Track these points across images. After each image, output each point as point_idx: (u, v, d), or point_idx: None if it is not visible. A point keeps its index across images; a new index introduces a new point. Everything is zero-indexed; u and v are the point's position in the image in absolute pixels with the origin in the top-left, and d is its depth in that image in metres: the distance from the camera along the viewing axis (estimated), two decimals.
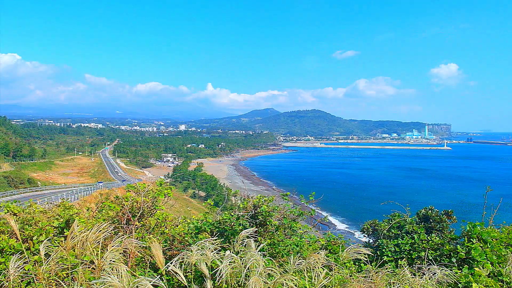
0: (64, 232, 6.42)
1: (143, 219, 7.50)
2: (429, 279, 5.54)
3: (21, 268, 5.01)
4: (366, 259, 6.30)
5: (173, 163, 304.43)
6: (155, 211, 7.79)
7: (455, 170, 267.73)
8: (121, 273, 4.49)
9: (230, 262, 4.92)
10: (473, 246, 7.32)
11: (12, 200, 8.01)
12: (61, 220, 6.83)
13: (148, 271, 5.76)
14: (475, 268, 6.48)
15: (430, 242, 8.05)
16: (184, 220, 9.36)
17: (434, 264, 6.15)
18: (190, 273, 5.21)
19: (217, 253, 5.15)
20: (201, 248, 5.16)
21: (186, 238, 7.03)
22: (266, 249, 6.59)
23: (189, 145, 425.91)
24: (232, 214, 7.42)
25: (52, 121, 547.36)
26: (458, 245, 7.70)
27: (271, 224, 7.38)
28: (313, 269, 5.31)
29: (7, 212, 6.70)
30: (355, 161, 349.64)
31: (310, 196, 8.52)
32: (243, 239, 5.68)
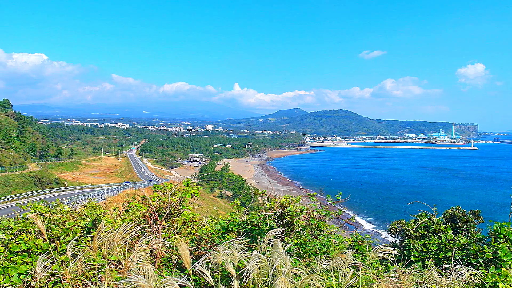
0: (91, 232, 6.47)
1: (170, 219, 7.53)
2: (456, 279, 5.47)
3: (48, 268, 5.06)
4: (393, 259, 6.25)
5: (200, 163, 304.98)
6: (182, 211, 7.81)
7: (482, 170, 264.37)
8: (148, 273, 4.50)
9: (257, 262, 4.90)
10: (500, 246, 7.24)
11: (39, 200, 8.08)
12: (88, 220, 6.88)
13: (175, 271, 5.77)
14: (502, 268, 6.39)
15: (457, 242, 7.99)
16: (211, 220, 9.40)
17: (461, 264, 6.08)
18: (217, 273, 5.21)
19: (244, 253, 5.14)
20: (228, 248, 5.15)
21: (213, 238, 7.04)
22: (293, 249, 6.58)
23: (216, 145, 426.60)
24: (259, 214, 7.42)
25: (79, 121, 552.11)
26: (485, 245, 7.62)
27: (298, 224, 7.36)
28: (340, 269, 5.27)
29: (34, 212, 6.75)
30: (382, 161, 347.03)
31: (337, 196, 8.48)
32: (270, 239, 5.66)
